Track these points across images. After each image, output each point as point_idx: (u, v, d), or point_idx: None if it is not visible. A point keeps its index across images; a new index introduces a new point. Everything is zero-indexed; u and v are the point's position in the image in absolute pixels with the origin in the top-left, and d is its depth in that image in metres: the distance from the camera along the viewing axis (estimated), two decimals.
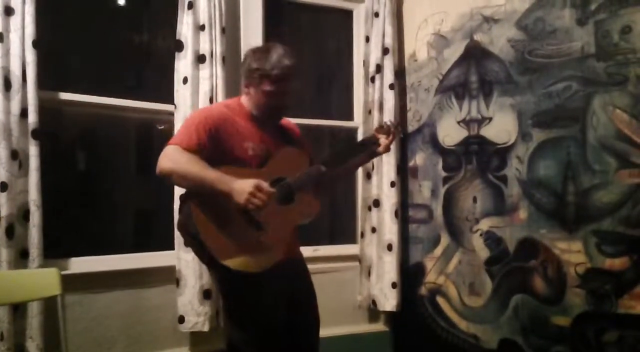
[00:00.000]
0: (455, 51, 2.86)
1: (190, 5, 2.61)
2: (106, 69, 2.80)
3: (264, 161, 1.85)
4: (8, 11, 2.19)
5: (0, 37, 2.17)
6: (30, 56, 2.22)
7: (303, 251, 2.07)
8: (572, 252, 2.30)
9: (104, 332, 2.50)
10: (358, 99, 3.29)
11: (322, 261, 3.05)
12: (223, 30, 2.70)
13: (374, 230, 3.07)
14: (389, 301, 2.98)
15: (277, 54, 1.82)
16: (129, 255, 2.64)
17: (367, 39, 3.13)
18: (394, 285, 2.98)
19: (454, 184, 2.86)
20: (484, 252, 2.69)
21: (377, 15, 3.08)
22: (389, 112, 3.02)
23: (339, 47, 3.47)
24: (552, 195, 2.38)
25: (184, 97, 2.60)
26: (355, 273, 3.16)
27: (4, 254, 2.14)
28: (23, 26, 2.21)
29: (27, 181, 2.22)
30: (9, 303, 2.08)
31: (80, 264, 2.47)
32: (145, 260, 2.63)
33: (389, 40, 3.05)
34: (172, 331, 2.62)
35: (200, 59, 2.63)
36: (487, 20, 2.70)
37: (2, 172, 2.15)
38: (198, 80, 2.63)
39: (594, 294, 2.23)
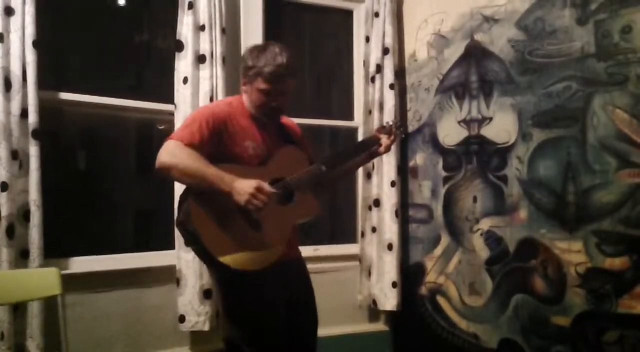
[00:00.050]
0: (455, 51, 2.86)
1: (191, 6, 2.61)
2: (106, 69, 2.80)
3: (264, 160, 1.84)
4: (8, 11, 2.20)
5: (1, 37, 2.17)
6: (31, 56, 2.23)
7: (303, 251, 2.07)
8: (572, 252, 2.30)
9: (105, 331, 2.51)
10: (358, 99, 3.29)
11: (323, 260, 3.05)
12: (223, 30, 2.70)
13: (374, 230, 3.08)
14: (389, 301, 2.99)
15: (273, 52, 1.80)
16: (129, 255, 2.65)
17: (367, 39, 3.13)
18: (394, 284, 2.98)
19: (454, 184, 2.86)
20: (484, 252, 2.69)
21: (377, 15, 3.08)
22: (389, 112, 3.02)
23: (339, 47, 3.47)
24: (552, 195, 2.38)
25: (184, 97, 2.60)
26: (356, 273, 3.16)
27: (5, 254, 2.14)
28: (23, 26, 2.22)
29: (27, 181, 2.23)
30: (9, 303, 2.08)
31: (81, 264, 2.48)
32: (146, 260, 2.64)
33: (389, 40, 3.05)
34: (172, 331, 2.62)
35: (200, 59, 2.64)
36: (488, 20, 2.69)
37: (3, 172, 2.15)
38: (198, 80, 2.64)
39: (594, 294, 2.23)
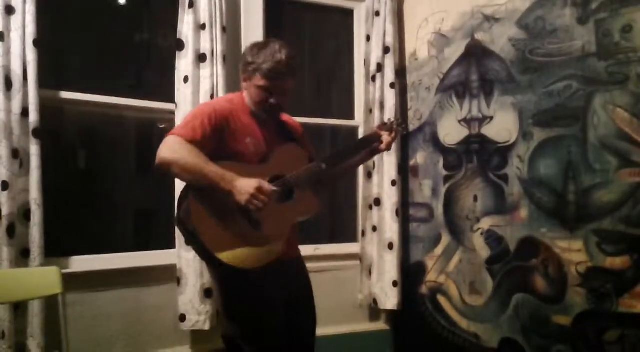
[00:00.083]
0: (456, 50, 2.86)
1: (191, 4, 2.61)
2: (107, 68, 2.80)
3: (264, 158, 1.84)
4: (9, 10, 2.20)
5: (1, 36, 2.17)
6: (31, 55, 2.23)
7: (304, 250, 2.06)
8: (572, 251, 2.30)
9: (105, 330, 2.51)
10: (359, 98, 3.29)
11: (323, 259, 3.05)
12: (224, 29, 2.70)
13: (374, 229, 3.07)
14: (390, 300, 2.99)
15: (273, 49, 1.79)
16: (129, 254, 2.65)
17: (368, 38, 3.13)
18: (394, 284, 2.98)
19: (455, 183, 2.86)
20: (484, 251, 2.69)
21: (377, 14, 3.08)
22: (390, 111, 3.01)
23: (340, 46, 3.47)
24: (553, 194, 2.38)
25: (184, 96, 2.60)
26: (356, 272, 3.16)
27: (5, 253, 2.15)
28: (24, 25, 2.22)
29: (28, 180, 2.23)
30: (10, 302, 2.08)
31: (81, 263, 2.48)
32: (146, 259, 2.64)
33: (390, 39, 3.05)
34: (173, 330, 2.62)
35: (201, 58, 2.64)
36: (488, 19, 2.69)
37: (3, 171, 2.15)
38: (199, 79, 2.63)
39: (594, 293, 2.23)
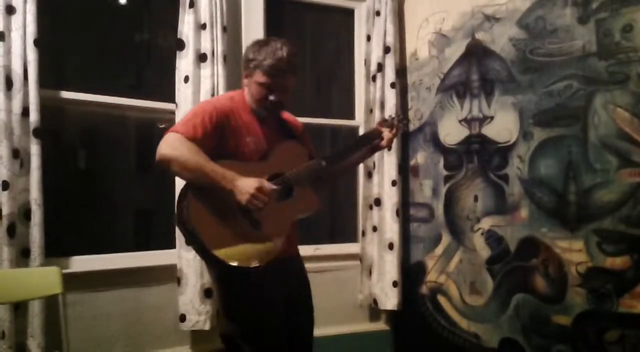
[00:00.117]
0: (456, 50, 2.86)
1: (192, 4, 2.61)
2: (107, 68, 2.80)
3: (264, 155, 1.84)
4: (9, 10, 2.20)
5: (2, 36, 2.17)
6: (32, 55, 2.23)
7: (304, 250, 2.06)
8: (573, 251, 2.30)
9: (105, 330, 2.51)
10: (359, 98, 3.29)
11: (323, 259, 3.05)
12: (224, 29, 2.70)
13: (375, 229, 3.07)
14: (390, 300, 2.99)
15: (274, 46, 1.79)
16: (130, 254, 2.65)
17: (369, 38, 3.13)
18: (394, 284, 2.98)
19: (455, 183, 2.86)
20: (485, 251, 2.68)
21: (378, 14, 3.08)
22: (390, 111, 3.01)
23: (340, 46, 3.47)
24: (553, 194, 2.38)
25: (185, 96, 2.60)
26: (356, 272, 3.16)
27: (6, 253, 2.15)
28: (24, 25, 2.22)
29: (28, 180, 2.23)
30: (10, 302, 2.08)
31: (82, 263, 2.48)
32: (146, 259, 2.64)
33: (390, 39, 3.05)
34: (173, 330, 2.62)
35: (201, 57, 2.64)
36: (489, 19, 2.69)
37: (4, 171, 2.15)
38: (199, 79, 2.63)
39: (595, 293, 2.23)
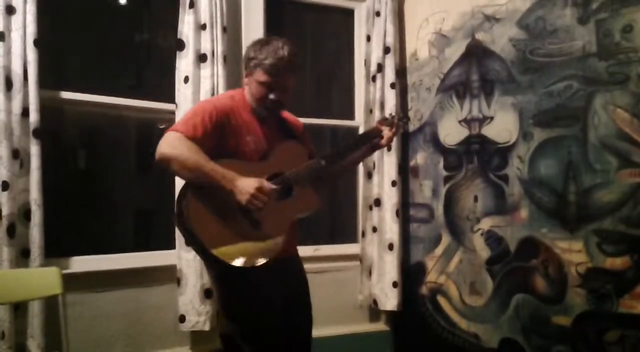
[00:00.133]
0: (456, 50, 2.86)
1: (192, 5, 2.61)
2: (107, 68, 2.80)
3: (264, 155, 1.84)
4: (9, 10, 2.20)
5: (2, 36, 2.17)
6: (32, 55, 2.23)
7: (304, 251, 2.06)
8: (573, 251, 2.30)
9: (105, 331, 2.51)
10: (359, 98, 3.29)
11: (323, 260, 3.05)
12: (224, 29, 2.70)
13: (375, 229, 3.07)
14: (390, 301, 2.98)
15: (275, 45, 1.80)
16: (130, 254, 2.65)
17: (369, 38, 3.13)
18: (394, 284, 2.98)
19: (455, 184, 2.86)
20: (484, 252, 2.68)
21: (378, 14, 3.08)
22: (390, 111, 3.01)
23: (340, 46, 3.47)
24: (553, 194, 2.38)
25: (185, 96, 2.60)
26: (356, 272, 3.16)
27: (5, 253, 2.15)
28: (24, 25, 2.22)
29: (28, 180, 2.23)
30: (10, 302, 2.08)
31: (81, 263, 2.48)
32: (146, 259, 2.64)
33: (390, 40, 3.05)
34: (172, 330, 2.62)
35: (201, 58, 2.64)
36: (489, 19, 2.69)
37: (4, 172, 2.15)
38: (199, 79, 2.63)
39: (594, 294, 2.23)
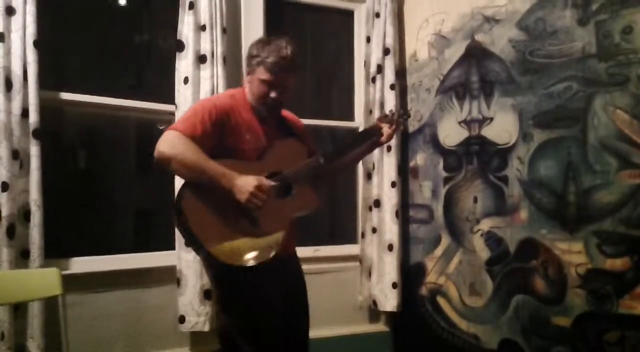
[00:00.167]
0: (456, 51, 2.86)
1: (191, 6, 2.61)
2: (107, 69, 2.80)
3: (263, 153, 1.84)
4: (9, 11, 2.20)
5: (2, 37, 2.17)
6: (32, 56, 2.23)
7: (304, 251, 2.06)
8: (572, 252, 2.30)
9: (105, 331, 2.51)
10: (359, 99, 3.29)
11: (323, 261, 3.05)
12: (224, 30, 2.70)
13: (374, 230, 3.07)
14: (390, 301, 2.98)
15: (278, 44, 1.81)
16: (129, 255, 2.65)
17: (368, 39, 3.13)
18: (394, 285, 2.97)
19: (455, 185, 2.86)
20: (484, 253, 2.68)
21: (378, 15, 3.08)
22: (390, 108, 3.01)
23: (340, 48, 3.47)
24: (553, 195, 2.38)
25: (184, 97, 2.60)
26: (356, 273, 3.16)
27: (5, 254, 2.14)
28: (24, 26, 2.22)
29: (28, 181, 2.22)
30: (9, 303, 2.08)
31: (81, 264, 2.48)
32: (146, 260, 2.64)
33: (390, 41, 3.05)
34: (172, 331, 2.62)
35: (201, 59, 2.64)
36: (488, 21, 2.69)
37: (3, 172, 2.15)
38: (199, 80, 2.63)
39: (594, 295, 2.23)
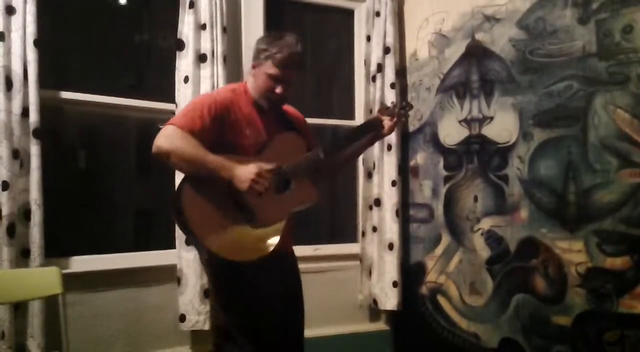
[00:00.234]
0: (456, 50, 2.86)
1: (192, 5, 2.61)
2: (107, 68, 2.80)
3: (262, 148, 1.84)
4: (9, 10, 2.20)
5: (2, 36, 2.17)
6: (32, 55, 2.23)
7: (304, 250, 2.07)
8: (573, 251, 2.30)
9: (105, 331, 2.51)
10: (359, 98, 3.29)
11: (323, 260, 3.05)
12: (224, 29, 2.70)
13: (375, 229, 3.07)
14: (390, 300, 2.98)
15: (287, 40, 1.83)
16: (130, 254, 2.65)
17: (368, 38, 3.13)
18: (394, 284, 2.98)
19: (455, 184, 2.86)
20: (484, 252, 2.68)
21: (378, 14, 3.08)
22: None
23: (340, 47, 3.47)
24: (553, 194, 2.38)
25: (185, 96, 2.60)
26: (356, 272, 3.16)
27: (5, 253, 2.14)
28: (24, 25, 2.22)
29: (28, 180, 2.22)
30: (10, 302, 2.08)
31: (81, 263, 2.48)
32: (146, 259, 2.64)
33: (390, 40, 3.05)
34: (173, 330, 2.62)
35: (201, 58, 2.64)
36: (489, 20, 2.69)
37: (4, 172, 2.15)
38: (199, 79, 2.63)
39: (594, 294, 2.23)
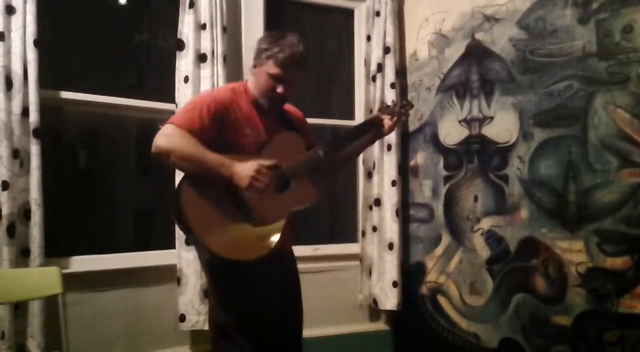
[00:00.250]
0: (456, 50, 2.86)
1: (192, 4, 2.61)
2: (107, 68, 2.80)
3: (261, 147, 1.84)
4: (9, 10, 2.20)
5: (2, 36, 2.17)
6: (32, 55, 2.23)
7: (303, 250, 2.07)
8: (573, 251, 2.30)
9: (105, 330, 2.51)
10: (359, 98, 3.29)
11: (323, 259, 3.05)
12: (224, 29, 2.70)
13: (375, 229, 3.07)
14: (390, 300, 2.98)
15: (289, 40, 1.82)
16: (130, 254, 2.65)
17: (369, 38, 3.13)
18: (394, 284, 2.98)
19: (455, 183, 2.86)
20: (484, 252, 2.68)
21: (378, 14, 3.08)
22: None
23: (340, 46, 3.47)
24: (553, 194, 2.38)
25: (185, 96, 2.60)
26: (356, 272, 3.16)
27: (5, 253, 2.14)
28: (24, 25, 2.22)
29: (28, 180, 2.22)
30: (10, 302, 2.08)
31: (81, 263, 2.48)
32: (146, 259, 2.64)
33: (390, 40, 3.05)
34: (172, 330, 2.62)
35: (201, 58, 2.64)
36: (489, 20, 2.69)
37: (4, 171, 2.15)
38: (199, 79, 2.64)
39: (595, 294, 2.23)
